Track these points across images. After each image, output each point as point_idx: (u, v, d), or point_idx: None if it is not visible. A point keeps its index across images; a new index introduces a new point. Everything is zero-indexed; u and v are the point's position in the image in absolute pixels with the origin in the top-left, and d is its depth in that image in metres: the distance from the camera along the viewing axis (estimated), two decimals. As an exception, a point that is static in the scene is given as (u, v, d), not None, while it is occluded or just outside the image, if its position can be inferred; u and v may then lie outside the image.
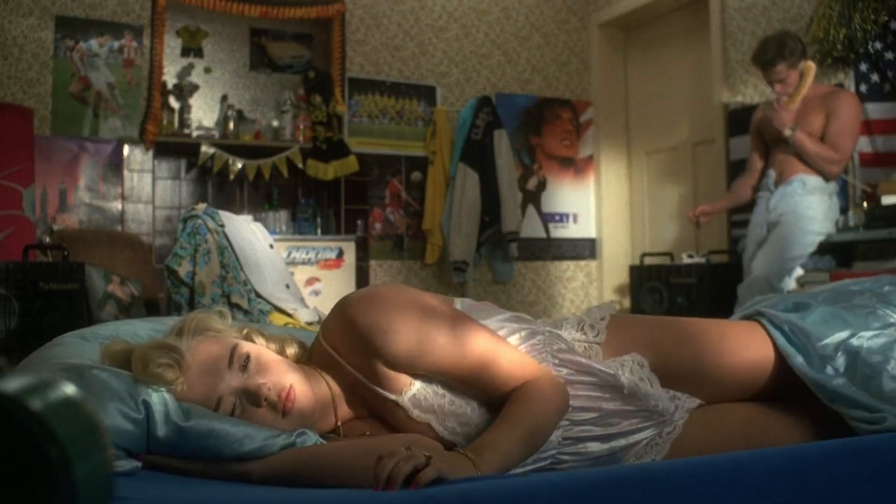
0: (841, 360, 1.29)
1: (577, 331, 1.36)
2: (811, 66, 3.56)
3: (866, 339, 1.30)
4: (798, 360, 1.32)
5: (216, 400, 1.17)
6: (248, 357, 1.20)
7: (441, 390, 1.22)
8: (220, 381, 1.17)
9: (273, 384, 1.18)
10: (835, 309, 1.39)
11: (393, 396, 1.21)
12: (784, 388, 1.37)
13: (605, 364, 1.29)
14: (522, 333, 1.30)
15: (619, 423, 1.27)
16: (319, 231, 4.86)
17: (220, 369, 1.18)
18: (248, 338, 1.29)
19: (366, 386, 1.23)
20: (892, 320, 1.36)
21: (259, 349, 1.23)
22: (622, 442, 1.27)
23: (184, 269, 2.72)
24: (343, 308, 1.23)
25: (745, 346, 1.38)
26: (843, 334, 1.32)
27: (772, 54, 3.53)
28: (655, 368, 1.33)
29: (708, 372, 1.35)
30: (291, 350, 1.32)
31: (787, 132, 3.51)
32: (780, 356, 1.35)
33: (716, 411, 1.35)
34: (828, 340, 1.32)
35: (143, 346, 1.21)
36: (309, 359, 1.31)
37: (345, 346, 1.23)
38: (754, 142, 3.89)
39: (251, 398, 1.17)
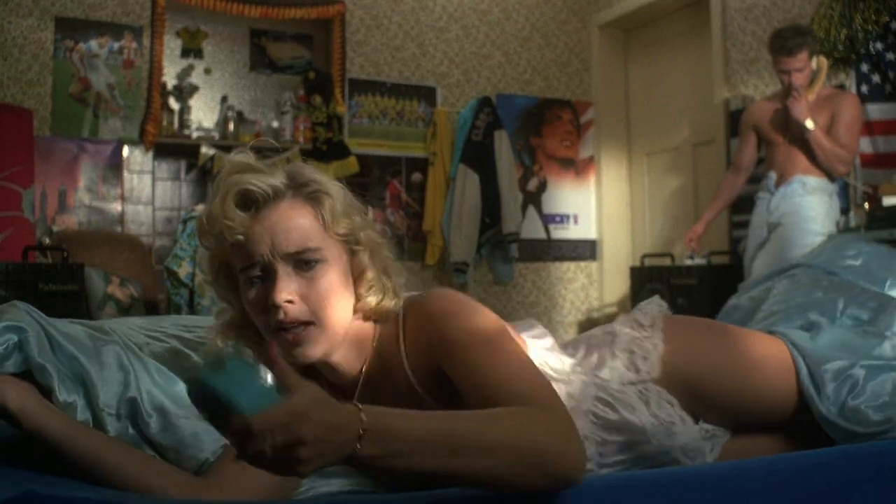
0: (834, 387, 1.28)
1: (629, 370, 1.28)
2: (825, 62, 3.54)
3: (867, 365, 1.29)
4: (816, 402, 1.30)
5: (250, 258, 1.03)
6: (317, 264, 1.05)
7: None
8: (269, 253, 1.04)
9: (301, 307, 1.03)
10: (845, 335, 1.38)
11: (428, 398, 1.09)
12: (797, 423, 1.35)
13: (641, 417, 1.20)
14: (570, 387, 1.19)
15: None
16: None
17: (283, 248, 1.03)
18: (355, 253, 1.10)
19: (407, 380, 1.09)
20: None
21: (337, 272, 1.06)
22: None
23: (184, 271, 2.72)
24: (423, 296, 1.13)
25: (776, 375, 1.34)
26: (843, 363, 1.31)
27: (799, 40, 3.45)
28: (697, 389, 1.30)
29: (742, 401, 1.32)
30: (386, 302, 1.11)
31: (810, 124, 3.46)
32: (801, 391, 1.32)
33: (739, 443, 1.32)
34: (828, 366, 1.31)
35: (260, 163, 1.07)
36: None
37: (410, 336, 1.11)
38: (747, 138, 3.85)
39: (266, 298, 1.03)
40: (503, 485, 0.87)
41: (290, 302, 1.02)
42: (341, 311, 1.07)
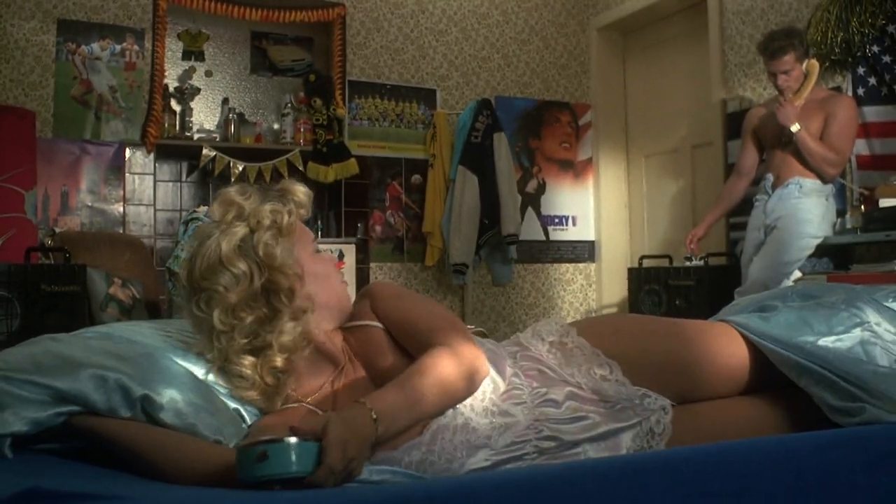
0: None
1: (542, 344, 1.40)
2: (816, 65, 3.56)
3: (831, 343, 1.33)
4: (766, 343, 1.35)
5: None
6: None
7: None
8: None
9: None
10: (800, 312, 1.41)
11: (374, 323, 1.38)
12: (762, 384, 1.39)
13: (564, 368, 1.33)
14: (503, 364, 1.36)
15: (594, 419, 1.28)
16: (320, 233, 4.87)
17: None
18: None
19: (360, 328, 1.39)
20: (860, 318, 1.38)
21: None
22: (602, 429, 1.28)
23: (185, 271, 2.73)
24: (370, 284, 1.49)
25: (721, 339, 1.40)
26: (807, 339, 1.34)
27: (783, 42, 3.49)
28: (627, 363, 1.34)
29: (687, 365, 1.36)
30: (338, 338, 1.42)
31: (794, 128, 3.49)
32: (754, 350, 1.38)
33: (704, 409, 1.35)
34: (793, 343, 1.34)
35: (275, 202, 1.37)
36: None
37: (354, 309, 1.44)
38: (747, 142, 3.88)
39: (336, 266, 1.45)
40: (448, 404, 1.22)
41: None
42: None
